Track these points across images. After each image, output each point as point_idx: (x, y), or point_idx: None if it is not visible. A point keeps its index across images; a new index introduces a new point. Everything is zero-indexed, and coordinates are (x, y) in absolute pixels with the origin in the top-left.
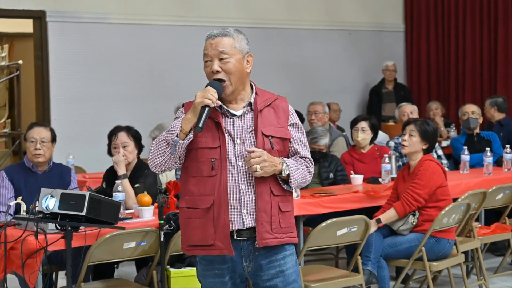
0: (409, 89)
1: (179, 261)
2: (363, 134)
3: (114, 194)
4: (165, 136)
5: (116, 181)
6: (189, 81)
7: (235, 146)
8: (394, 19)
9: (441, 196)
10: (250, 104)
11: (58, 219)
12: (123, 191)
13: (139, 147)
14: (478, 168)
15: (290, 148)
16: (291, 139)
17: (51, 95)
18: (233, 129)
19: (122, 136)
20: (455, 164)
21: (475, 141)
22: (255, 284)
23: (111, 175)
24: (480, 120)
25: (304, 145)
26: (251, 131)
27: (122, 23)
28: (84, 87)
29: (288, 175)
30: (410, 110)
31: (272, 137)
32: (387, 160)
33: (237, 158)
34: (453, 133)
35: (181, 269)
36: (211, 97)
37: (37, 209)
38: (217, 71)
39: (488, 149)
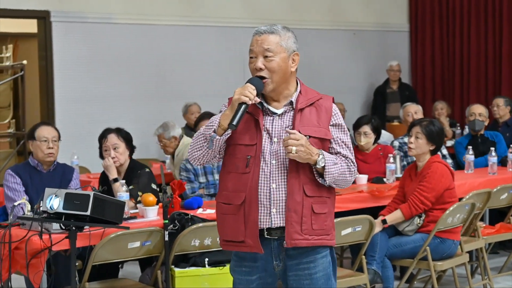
0: (414, 89)
1: (184, 261)
2: (366, 138)
3: (118, 194)
4: (204, 130)
5: (121, 181)
6: (194, 81)
7: (271, 145)
8: (398, 19)
9: (448, 199)
10: (291, 102)
11: (63, 219)
12: (127, 191)
13: (131, 148)
14: (483, 168)
15: (330, 148)
16: (332, 140)
17: (55, 95)
18: (272, 128)
19: (112, 138)
20: (457, 167)
21: (479, 142)
22: (284, 283)
23: (106, 179)
24: (486, 122)
25: (346, 146)
26: None
27: (126, 23)
28: (89, 87)
29: (323, 167)
30: (414, 110)
31: (310, 136)
32: (391, 160)
33: (271, 157)
34: (459, 131)
35: (186, 268)
36: (249, 94)
37: (41, 209)
38: (260, 69)
39: (492, 148)
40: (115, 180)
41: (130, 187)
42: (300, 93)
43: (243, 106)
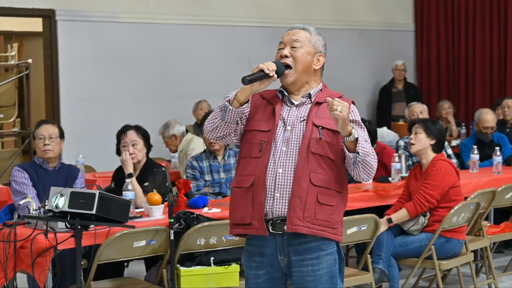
0: (419, 89)
1: (189, 259)
2: None
3: (124, 193)
4: (221, 101)
5: (126, 180)
6: (199, 80)
7: (285, 132)
8: (404, 18)
9: (454, 197)
10: (309, 95)
11: (68, 218)
12: (133, 189)
13: (148, 146)
14: (488, 167)
15: (343, 143)
16: None
17: (60, 94)
18: (288, 117)
19: (131, 134)
20: (462, 167)
21: (485, 145)
22: (290, 279)
23: (120, 175)
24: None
25: (363, 139)
26: (303, 120)
27: (132, 22)
28: (94, 86)
29: (357, 139)
30: (420, 109)
31: (322, 127)
32: (397, 159)
33: (283, 143)
34: (464, 131)
35: (191, 267)
36: (268, 65)
37: (46, 207)
38: (286, 56)
39: (497, 148)
40: (130, 175)
41: (145, 184)
42: (321, 91)
43: (261, 72)
